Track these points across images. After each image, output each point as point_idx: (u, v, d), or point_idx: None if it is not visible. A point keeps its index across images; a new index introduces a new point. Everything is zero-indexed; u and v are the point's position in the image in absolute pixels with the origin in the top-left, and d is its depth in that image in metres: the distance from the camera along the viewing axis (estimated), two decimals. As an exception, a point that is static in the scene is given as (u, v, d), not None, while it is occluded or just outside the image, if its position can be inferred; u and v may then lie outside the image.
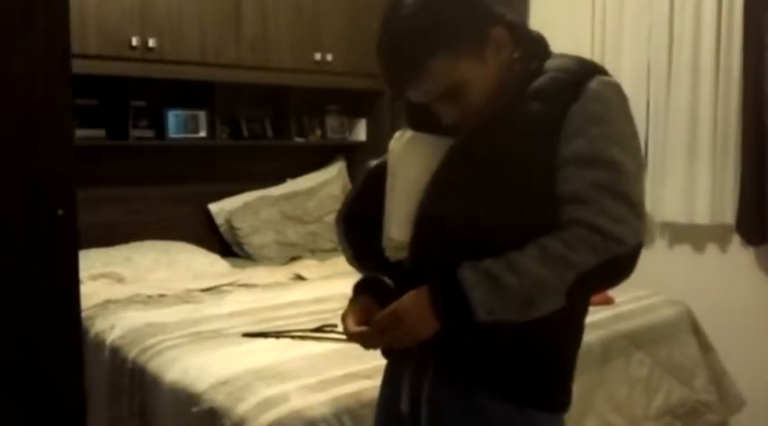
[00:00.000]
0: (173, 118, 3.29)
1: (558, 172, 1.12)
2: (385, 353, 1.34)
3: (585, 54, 1.73)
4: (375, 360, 1.98)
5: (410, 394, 1.26)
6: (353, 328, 1.23)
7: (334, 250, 3.74)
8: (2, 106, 2.12)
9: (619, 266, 1.10)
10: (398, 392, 1.29)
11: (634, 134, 1.15)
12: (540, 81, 1.16)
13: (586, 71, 1.16)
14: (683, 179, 3.20)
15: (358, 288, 1.38)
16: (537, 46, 1.23)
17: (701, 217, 3.16)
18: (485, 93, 1.18)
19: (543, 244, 1.08)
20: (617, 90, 1.17)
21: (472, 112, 1.19)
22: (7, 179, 2.14)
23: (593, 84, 1.14)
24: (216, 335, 2.26)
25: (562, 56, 1.22)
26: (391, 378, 1.35)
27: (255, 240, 3.51)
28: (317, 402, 1.73)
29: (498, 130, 1.17)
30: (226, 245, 3.58)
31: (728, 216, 3.08)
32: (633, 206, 1.09)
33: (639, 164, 1.15)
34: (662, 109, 3.24)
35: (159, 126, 3.28)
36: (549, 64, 1.19)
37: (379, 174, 1.34)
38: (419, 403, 1.24)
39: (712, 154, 3.11)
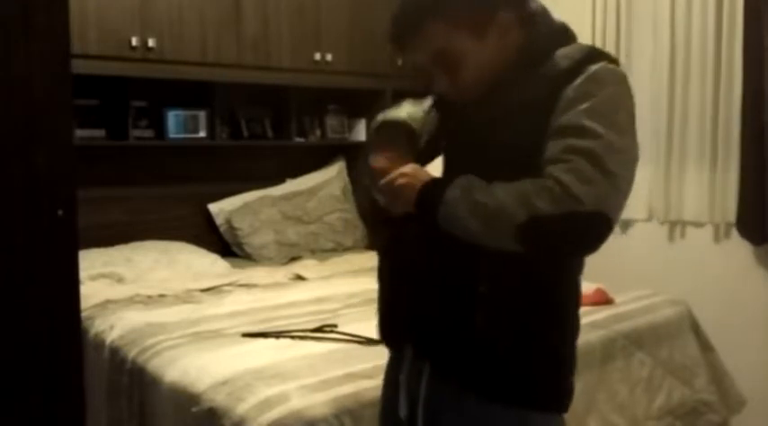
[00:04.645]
0: (173, 118, 3.29)
1: (546, 145, 1.12)
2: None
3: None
4: (375, 360, 1.98)
5: (408, 398, 1.26)
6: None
7: (334, 250, 3.74)
8: (2, 106, 2.12)
9: (576, 226, 1.06)
10: (397, 396, 1.29)
11: (629, 124, 1.13)
12: (543, 67, 1.17)
13: (589, 57, 1.16)
14: (684, 178, 3.20)
15: None
16: (554, 35, 1.23)
17: (702, 216, 3.16)
18: (478, 71, 1.19)
19: (522, 182, 1.10)
20: (618, 78, 1.15)
21: (464, 88, 1.21)
22: (7, 179, 2.13)
23: (595, 67, 1.13)
24: (216, 335, 2.26)
25: (580, 44, 1.22)
26: (389, 382, 1.36)
27: (255, 240, 3.51)
28: (317, 402, 1.72)
29: (487, 112, 1.20)
30: (226, 245, 3.57)
31: (729, 215, 3.08)
32: (607, 173, 1.06)
33: (626, 148, 1.11)
34: (663, 108, 3.24)
35: (159, 126, 3.28)
36: (560, 51, 1.19)
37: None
38: (417, 406, 1.24)
39: (713, 153, 3.12)
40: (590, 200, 1.04)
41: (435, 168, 1.30)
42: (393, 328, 1.34)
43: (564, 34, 1.25)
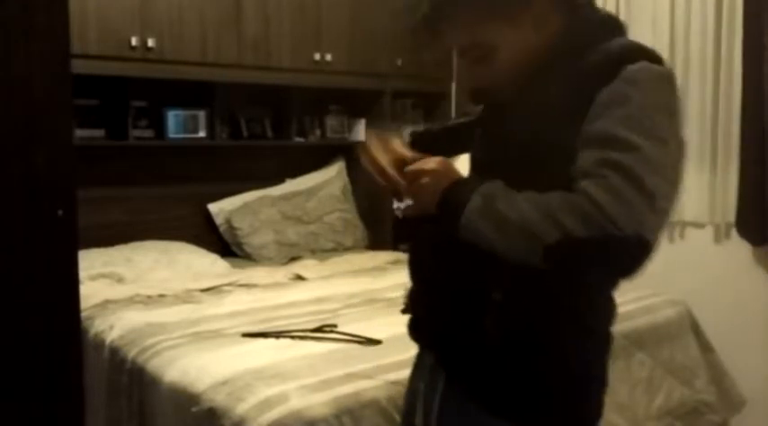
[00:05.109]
0: (172, 118, 3.29)
1: (577, 154, 1.02)
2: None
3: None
4: (375, 360, 1.99)
5: (424, 409, 1.24)
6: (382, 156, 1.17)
7: (334, 250, 3.74)
8: (2, 106, 2.12)
9: (612, 252, 0.96)
10: (414, 405, 1.27)
11: (672, 132, 1.02)
12: (584, 61, 1.07)
13: (630, 54, 1.05)
14: (684, 178, 3.19)
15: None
16: (596, 25, 1.14)
17: (702, 216, 3.16)
18: (512, 62, 1.12)
19: (551, 195, 1.00)
20: (662, 79, 1.04)
21: (497, 80, 1.14)
22: (7, 179, 2.13)
23: (633, 67, 1.03)
24: (216, 335, 2.26)
25: (622, 39, 1.12)
26: (410, 389, 1.34)
27: (255, 240, 3.51)
28: (316, 402, 1.72)
29: (519, 110, 1.12)
30: (225, 245, 3.57)
31: (729, 215, 3.08)
32: (646, 194, 0.95)
33: (667, 163, 1.00)
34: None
35: (159, 126, 3.28)
36: (603, 46, 1.09)
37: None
38: (430, 416, 1.22)
39: (713, 153, 3.12)
40: (627, 223, 0.94)
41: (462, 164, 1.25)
42: (414, 329, 1.31)
43: (609, 25, 1.15)
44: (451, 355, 1.19)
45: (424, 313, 1.26)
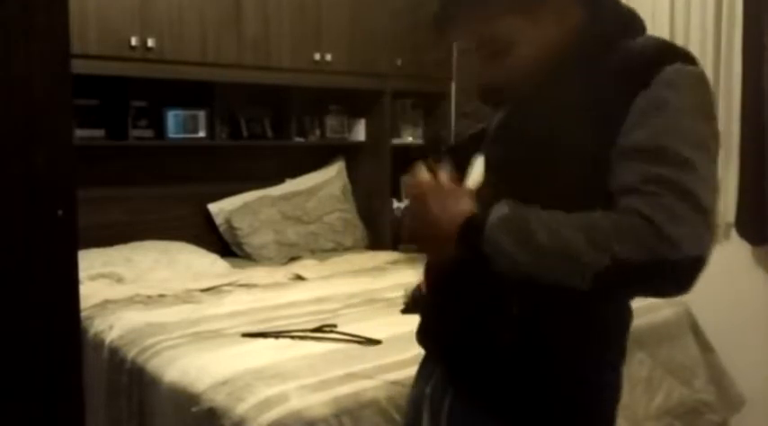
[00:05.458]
0: (172, 118, 3.29)
1: (614, 165, 0.97)
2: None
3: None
4: (375, 360, 1.99)
5: (431, 414, 1.22)
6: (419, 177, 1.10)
7: (334, 250, 3.75)
8: (2, 106, 2.12)
9: (667, 274, 0.91)
10: (420, 409, 1.25)
11: (712, 135, 0.98)
12: (608, 59, 1.02)
13: (665, 55, 1.00)
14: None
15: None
16: (619, 20, 1.09)
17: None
18: (530, 58, 1.07)
19: (593, 216, 0.94)
20: (698, 80, 1.00)
21: (514, 75, 1.09)
22: (7, 179, 2.13)
23: (670, 69, 0.97)
24: (216, 335, 2.26)
25: (648, 37, 1.07)
26: (415, 394, 1.31)
27: (255, 240, 3.51)
28: (316, 402, 1.73)
29: (537, 107, 1.07)
30: (225, 245, 3.57)
31: (728, 215, 3.08)
32: (701, 211, 0.90)
33: (713, 172, 0.96)
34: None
35: (159, 126, 3.28)
36: (628, 44, 1.04)
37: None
38: (438, 421, 1.20)
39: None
40: (687, 245, 0.89)
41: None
42: (424, 336, 1.27)
43: (632, 21, 1.10)
44: (463, 366, 1.15)
45: (436, 322, 1.23)
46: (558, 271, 0.95)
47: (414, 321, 1.32)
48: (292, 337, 2.23)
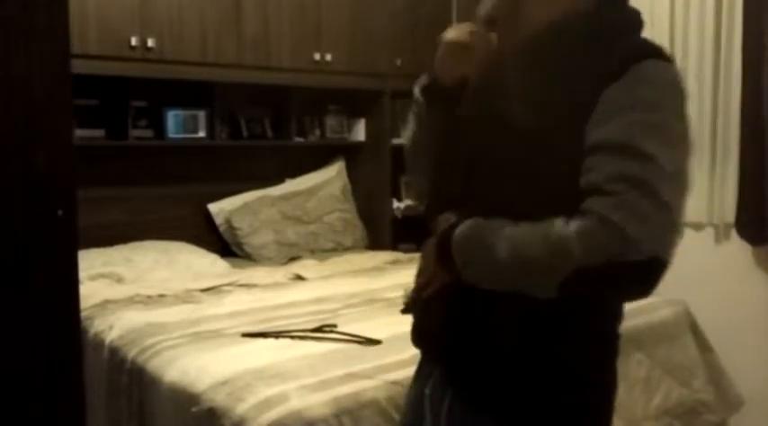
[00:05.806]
0: (172, 118, 3.29)
1: (584, 158, 0.97)
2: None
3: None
4: (375, 360, 1.99)
5: (432, 415, 1.21)
6: None
7: (333, 250, 3.75)
8: (2, 106, 2.12)
9: (630, 275, 0.93)
10: (421, 410, 1.24)
11: (682, 132, 0.98)
12: (612, 42, 1.03)
13: (639, 50, 1.01)
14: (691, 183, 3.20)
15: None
16: (621, 18, 1.10)
17: (701, 217, 3.16)
18: (543, 22, 1.08)
19: (554, 225, 0.95)
20: (673, 78, 1.00)
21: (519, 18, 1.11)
22: (7, 179, 2.13)
23: (644, 64, 0.98)
24: (216, 335, 2.27)
25: (634, 37, 1.09)
26: (414, 395, 1.30)
27: (255, 240, 3.51)
28: (316, 402, 1.73)
29: (523, 95, 1.06)
30: (225, 245, 3.58)
31: (728, 215, 3.08)
32: (664, 208, 0.91)
33: (680, 169, 0.96)
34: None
35: (159, 126, 3.28)
36: (618, 38, 1.05)
37: None
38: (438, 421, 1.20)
39: (712, 153, 3.12)
40: (647, 243, 0.90)
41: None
42: (420, 339, 1.27)
43: (635, 17, 1.10)
44: (462, 366, 1.16)
45: (433, 323, 1.22)
46: (522, 283, 0.99)
47: (414, 321, 1.31)
48: (292, 337, 2.23)
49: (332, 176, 3.94)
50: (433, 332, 1.22)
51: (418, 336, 1.27)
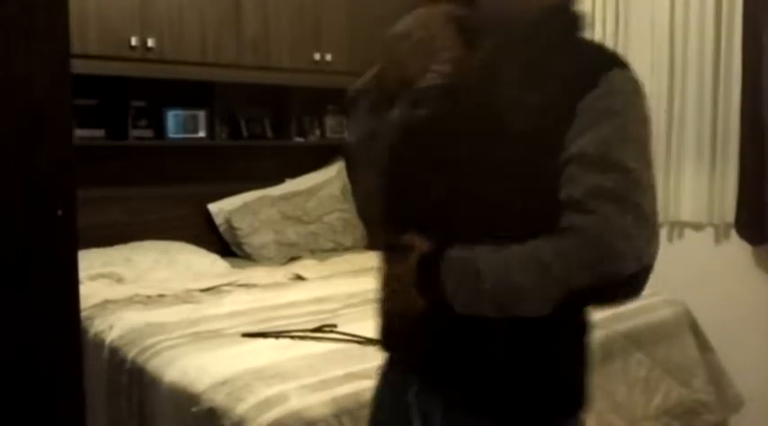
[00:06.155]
0: (172, 118, 3.30)
1: (563, 169, 0.98)
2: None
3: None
4: (375, 360, 1.98)
5: (421, 418, 1.16)
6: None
7: (333, 250, 3.75)
8: (2, 106, 2.12)
9: (618, 287, 0.95)
10: (404, 419, 1.18)
11: (648, 141, 1.01)
12: (572, 43, 1.06)
13: (609, 59, 1.04)
14: (682, 179, 3.20)
15: None
16: (577, 15, 1.12)
17: (701, 216, 3.16)
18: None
19: (536, 248, 0.96)
20: (637, 88, 1.03)
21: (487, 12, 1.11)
22: (7, 179, 2.13)
23: (617, 73, 1.01)
24: (215, 335, 2.27)
25: (590, 41, 1.12)
26: (391, 403, 1.22)
27: (255, 240, 3.51)
28: (316, 402, 1.73)
29: (504, 63, 1.06)
30: (225, 245, 3.58)
31: (728, 215, 3.08)
32: (644, 220, 0.94)
33: (652, 178, 0.99)
34: (661, 109, 3.24)
35: (159, 126, 3.29)
36: (579, 38, 1.09)
37: None
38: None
39: (711, 153, 3.12)
40: (631, 257, 0.92)
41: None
42: (396, 341, 1.21)
43: (582, 18, 1.13)
44: (450, 370, 1.12)
45: (418, 329, 1.15)
46: (514, 311, 0.98)
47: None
48: (292, 337, 2.23)
49: (332, 176, 3.94)
50: (411, 336, 1.15)
51: (395, 339, 1.21)
